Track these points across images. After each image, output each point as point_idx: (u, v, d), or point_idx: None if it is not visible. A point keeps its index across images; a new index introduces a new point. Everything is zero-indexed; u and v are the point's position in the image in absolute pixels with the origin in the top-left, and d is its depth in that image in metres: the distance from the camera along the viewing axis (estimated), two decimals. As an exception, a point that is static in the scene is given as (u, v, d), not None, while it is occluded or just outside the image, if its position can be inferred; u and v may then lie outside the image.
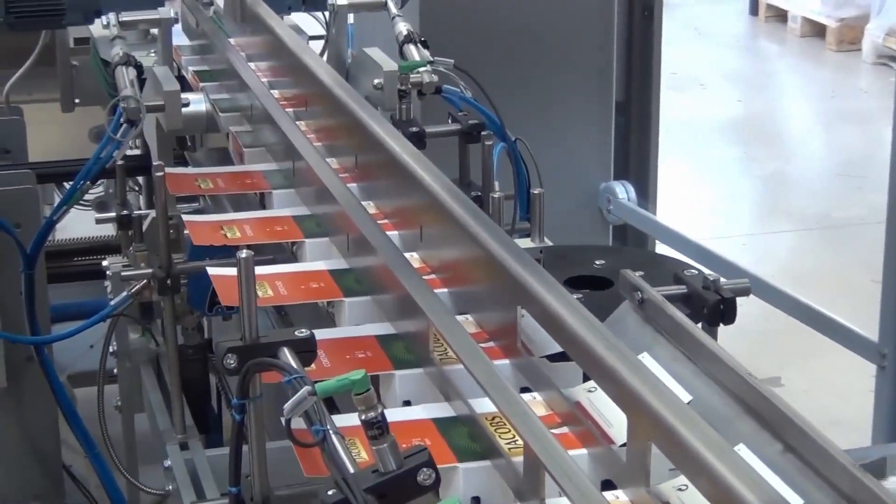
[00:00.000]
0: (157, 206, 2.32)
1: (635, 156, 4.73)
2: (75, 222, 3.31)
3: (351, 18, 3.12)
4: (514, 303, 1.65)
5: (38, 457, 2.87)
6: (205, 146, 3.01)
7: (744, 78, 8.89)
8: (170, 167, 2.41)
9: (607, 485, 1.45)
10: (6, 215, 2.59)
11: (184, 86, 2.83)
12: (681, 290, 1.84)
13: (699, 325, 1.74)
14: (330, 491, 1.37)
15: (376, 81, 2.73)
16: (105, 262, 2.49)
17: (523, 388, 1.64)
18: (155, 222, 2.42)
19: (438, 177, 1.93)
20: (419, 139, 2.54)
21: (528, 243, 2.12)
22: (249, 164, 2.48)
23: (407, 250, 1.96)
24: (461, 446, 1.56)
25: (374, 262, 1.90)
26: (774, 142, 7.70)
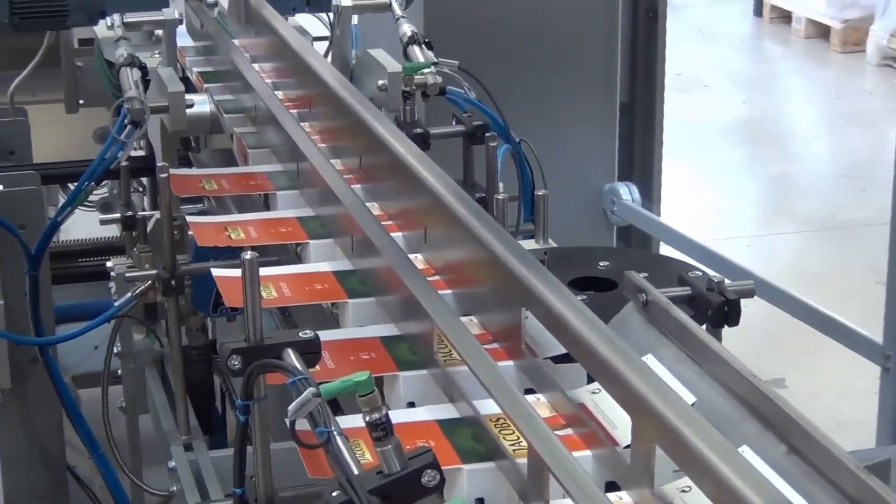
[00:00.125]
0: (161, 208, 2.32)
1: (639, 157, 4.73)
2: (79, 223, 3.31)
3: (355, 19, 3.11)
4: (518, 304, 1.65)
5: (42, 458, 2.87)
6: (209, 147, 3.01)
7: (748, 79, 8.89)
8: (174, 168, 2.41)
9: (611, 486, 1.45)
10: (10, 216, 2.59)
11: (188, 87, 2.83)
12: (685, 291, 1.84)
13: (703, 327, 1.73)
14: (334, 492, 1.37)
15: (380, 83, 2.73)
16: (109, 264, 2.50)
17: (527, 389, 1.64)
18: (159, 223, 2.42)
19: (442, 178, 1.93)
20: (423, 140, 2.54)
21: (532, 245, 2.12)
22: (254, 166, 2.48)
23: (411, 251, 1.96)
24: (465, 448, 1.56)
25: (378, 264, 1.90)
26: (779, 143, 7.70)
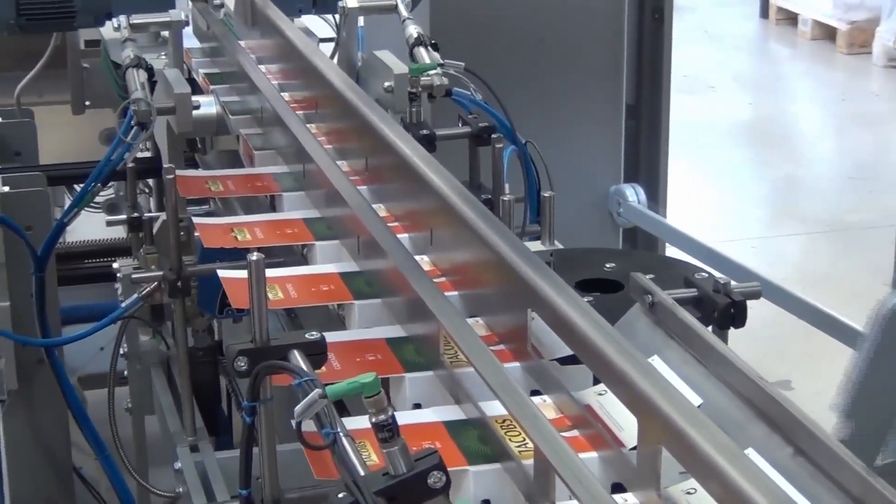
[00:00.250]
0: (167, 209, 2.32)
1: (645, 159, 4.73)
2: (86, 225, 3.31)
3: (361, 21, 3.12)
4: (525, 306, 1.65)
5: (48, 459, 2.88)
6: (215, 149, 3.01)
7: (754, 81, 8.88)
8: (180, 170, 2.41)
9: (617, 488, 1.45)
10: (17, 217, 2.59)
11: (194, 88, 2.83)
12: (691, 293, 1.84)
13: (709, 329, 1.73)
14: (340, 494, 1.37)
15: (387, 84, 2.73)
16: (116, 265, 2.50)
17: (533, 391, 1.64)
18: (165, 225, 2.42)
19: (448, 180, 1.93)
20: (429, 142, 2.54)
21: (538, 246, 2.11)
22: (260, 167, 2.48)
23: (417, 253, 1.96)
24: (471, 449, 1.56)
25: (384, 265, 1.90)
26: (785, 145, 7.69)
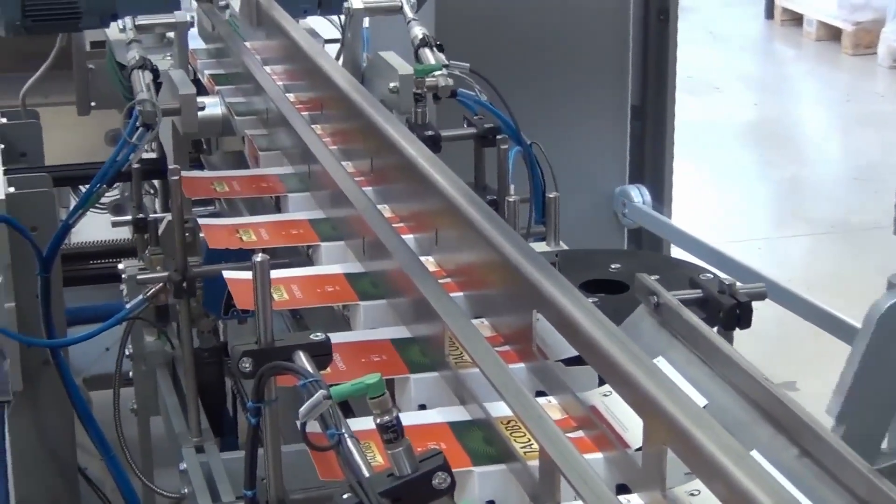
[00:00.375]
0: (172, 210, 2.32)
1: (650, 159, 4.73)
2: (91, 225, 3.31)
3: (366, 22, 3.11)
4: (530, 306, 1.65)
5: (53, 460, 2.88)
6: (220, 150, 3.01)
7: (759, 81, 8.88)
8: (185, 171, 2.41)
9: (622, 489, 1.45)
10: (23, 218, 2.59)
11: (199, 89, 2.83)
12: (696, 294, 1.83)
13: (715, 330, 1.73)
14: (345, 494, 1.37)
15: (392, 85, 2.72)
16: (121, 266, 2.50)
17: (539, 391, 1.64)
18: (171, 226, 2.42)
19: (454, 180, 1.93)
20: (434, 143, 2.53)
21: (543, 247, 2.11)
22: (265, 168, 2.49)
23: (422, 254, 1.96)
24: (476, 450, 1.56)
25: (389, 266, 1.90)
26: (790, 146, 7.68)
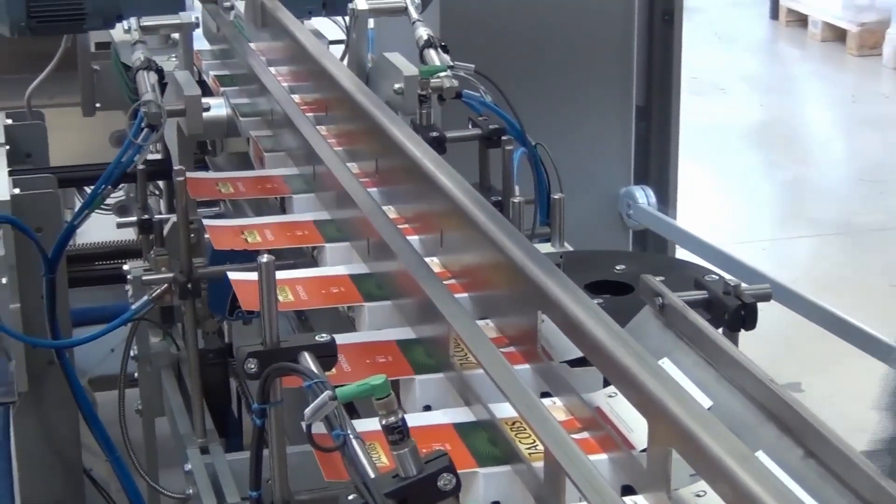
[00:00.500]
0: (177, 211, 2.32)
1: (655, 161, 4.73)
2: (96, 226, 3.32)
3: (371, 23, 3.11)
4: (535, 308, 1.65)
5: (58, 460, 2.88)
6: (225, 151, 3.01)
7: (764, 82, 8.87)
8: (191, 172, 2.42)
9: (627, 490, 1.45)
10: (28, 219, 2.59)
11: (205, 90, 2.84)
12: (701, 295, 1.83)
13: (720, 331, 1.73)
14: (350, 496, 1.37)
15: (397, 86, 2.73)
16: (126, 267, 2.51)
17: (544, 393, 1.64)
18: (176, 227, 2.43)
19: (459, 182, 1.93)
20: (439, 144, 2.54)
21: (548, 248, 2.11)
22: (270, 169, 2.49)
23: (427, 255, 1.96)
24: (481, 451, 1.56)
25: (394, 267, 1.90)
26: (795, 147, 7.68)
